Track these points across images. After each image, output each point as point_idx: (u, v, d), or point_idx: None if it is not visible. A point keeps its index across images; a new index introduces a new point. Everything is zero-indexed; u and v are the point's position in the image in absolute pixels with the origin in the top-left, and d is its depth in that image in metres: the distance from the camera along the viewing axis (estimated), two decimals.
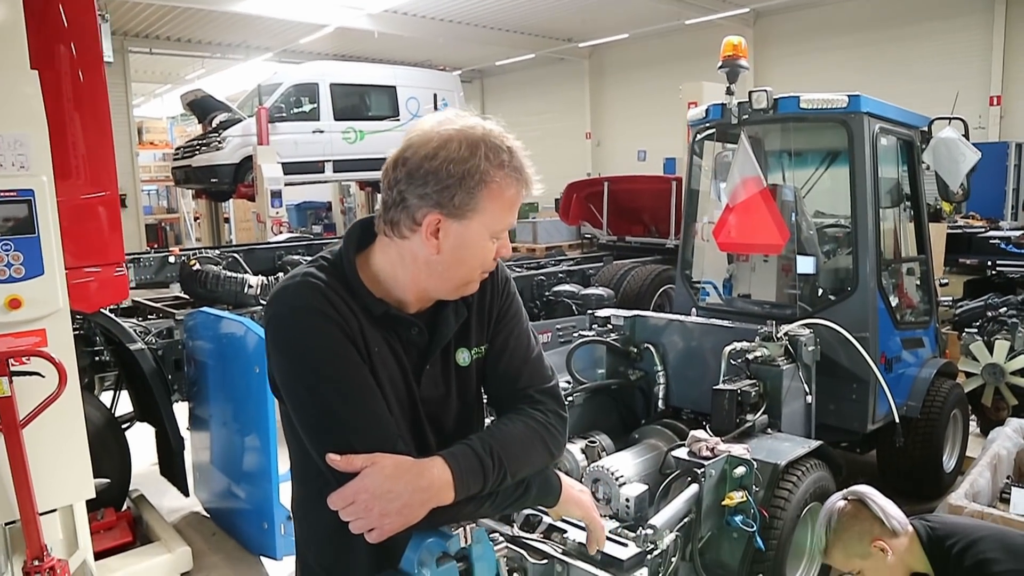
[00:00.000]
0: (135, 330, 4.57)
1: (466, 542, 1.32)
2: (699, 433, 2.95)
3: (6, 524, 3.19)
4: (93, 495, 3.37)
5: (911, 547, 2.27)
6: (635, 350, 4.00)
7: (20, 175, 3.08)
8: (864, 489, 2.36)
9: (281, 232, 12.03)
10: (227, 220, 16.75)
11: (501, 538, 1.43)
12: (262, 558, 4.03)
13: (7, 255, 3.01)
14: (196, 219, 18.52)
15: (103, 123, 4.12)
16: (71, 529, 3.40)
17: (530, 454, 1.40)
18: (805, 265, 4.45)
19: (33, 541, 3.09)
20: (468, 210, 1.33)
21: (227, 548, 4.21)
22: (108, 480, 3.75)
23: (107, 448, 4.07)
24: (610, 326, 4.08)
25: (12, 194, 3.03)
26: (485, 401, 1.57)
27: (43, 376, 3.06)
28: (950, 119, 4.57)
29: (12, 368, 3.00)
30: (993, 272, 8.06)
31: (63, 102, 3.76)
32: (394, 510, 1.24)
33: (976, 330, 5.62)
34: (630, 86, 21.20)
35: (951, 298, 6.79)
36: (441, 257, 1.35)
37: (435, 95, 15.14)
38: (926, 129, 4.61)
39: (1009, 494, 3.84)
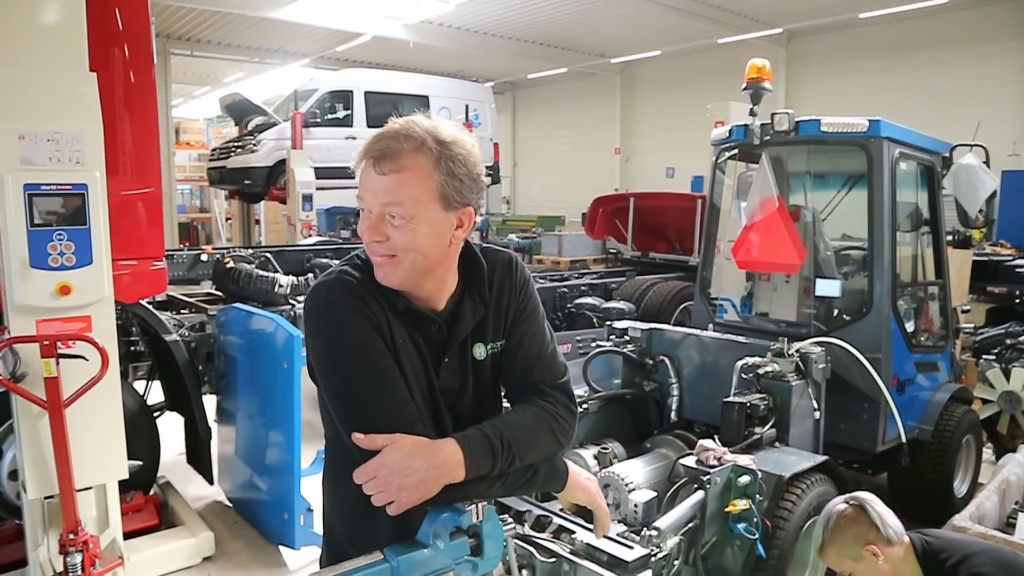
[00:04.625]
0: (169, 323, 4.76)
1: (477, 519, 1.44)
2: (707, 443, 3.05)
3: (45, 499, 3.37)
4: (126, 476, 3.53)
5: (905, 557, 2.35)
6: (651, 362, 4.10)
7: (76, 170, 3.26)
8: (865, 496, 2.44)
9: (310, 235, 12.27)
10: (257, 222, 17.05)
11: (511, 520, 1.54)
12: (280, 547, 4.18)
13: (60, 244, 3.19)
14: (227, 219, 18.88)
15: (151, 123, 4.33)
16: (103, 508, 3.56)
17: (538, 441, 1.52)
18: (830, 288, 4.48)
19: (69, 516, 3.26)
20: None
21: (248, 536, 4.36)
22: (141, 462, 3.92)
23: (139, 433, 4.24)
24: (627, 338, 4.19)
25: (68, 187, 3.21)
26: (503, 393, 1.69)
27: (87, 360, 3.24)
28: (971, 146, 4.63)
29: (59, 351, 3.19)
30: (1017, 301, 8.02)
31: (114, 102, 3.95)
32: (411, 484, 1.36)
33: (994, 357, 5.64)
34: (661, 103, 21.30)
35: (972, 325, 6.79)
36: None
37: (467, 106, 15.34)
38: (947, 155, 4.67)
39: (1016, 520, 3.88)
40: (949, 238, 8.81)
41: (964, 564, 2.26)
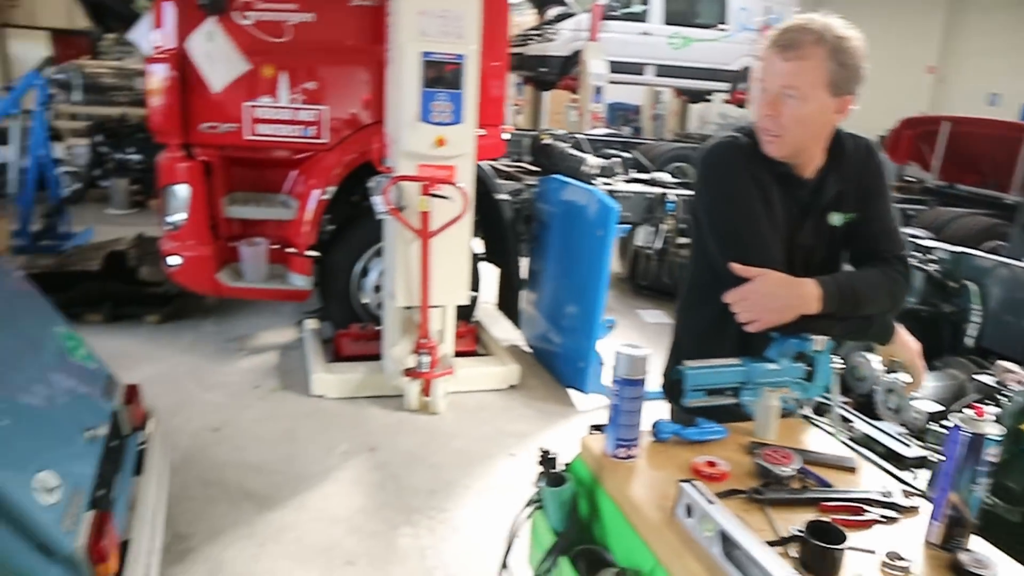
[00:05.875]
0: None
1: (817, 349, 1.78)
2: (1009, 364, 3.08)
3: (406, 308, 4.24)
4: (467, 302, 4.31)
5: None
6: (954, 285, 4.05)
7: (458, 43, 3.89)
8: None
9: (597, 127, 12.72)
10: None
11: (840, 360, 1.86)
12: (571, 391, 4.80)
13: (441, 104, 3.88)
14: (515, 106, 19.90)
15: (502, 2, 4.87)
16: (443, 326, 4.39)
17: (877, 296, 1.80)
18: None
19: (425, 324, 4.09)
20: None
21: (543, 377, 5.02)
22: (476, 293, 4.68)
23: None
24: (932, 257, 4.15)
25: (452, 56, 3.86)
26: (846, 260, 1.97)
27: (451, 201, 3.97)
28: None
29: (431, 191, 3.94)
30: None
31: None
32: (774, 308, 1.70)
33: None
34: (992, 17, 18.56)
35: None
36: None
37: (767, 7, 14.58)
38: None
39: None
40: None
41: None
